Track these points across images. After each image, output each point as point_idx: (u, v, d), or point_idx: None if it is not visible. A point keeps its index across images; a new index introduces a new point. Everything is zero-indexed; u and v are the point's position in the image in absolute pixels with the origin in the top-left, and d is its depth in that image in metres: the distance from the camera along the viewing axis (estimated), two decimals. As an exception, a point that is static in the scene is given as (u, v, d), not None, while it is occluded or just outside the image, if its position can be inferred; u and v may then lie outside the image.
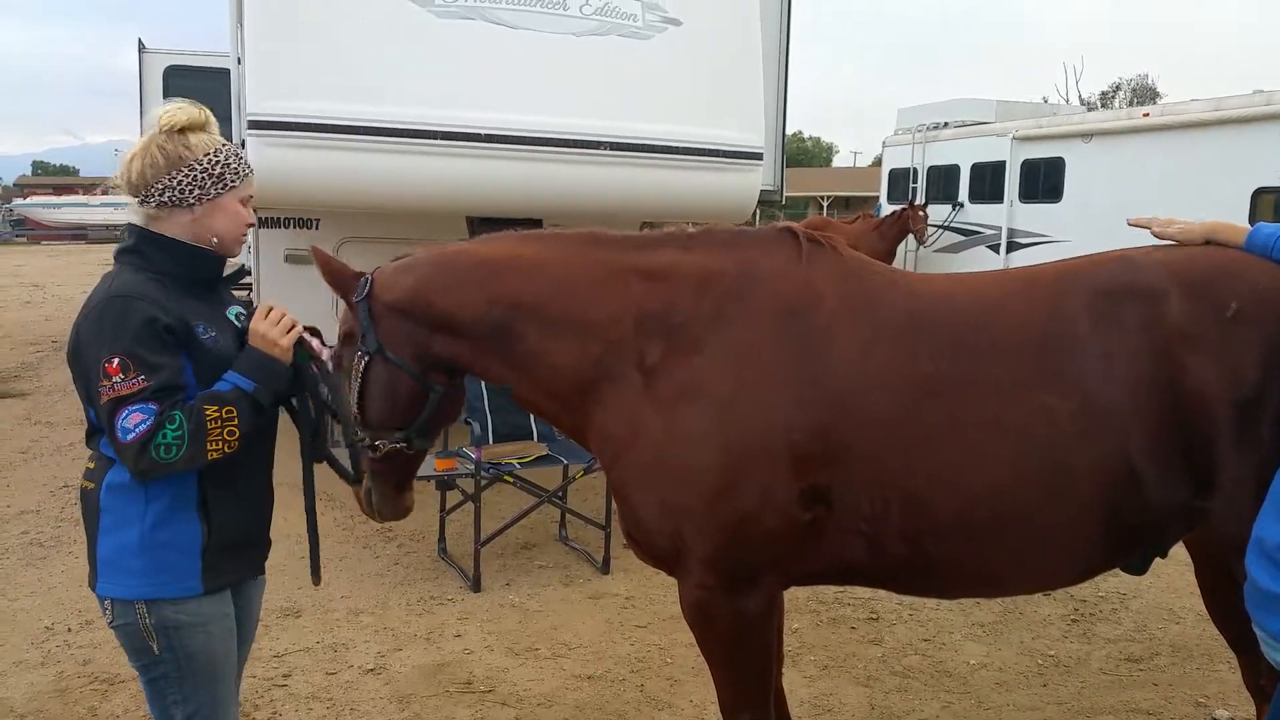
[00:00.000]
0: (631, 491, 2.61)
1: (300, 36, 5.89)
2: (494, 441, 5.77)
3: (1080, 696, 4.26)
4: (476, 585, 5.34)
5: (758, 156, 7.00)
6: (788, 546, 2.50)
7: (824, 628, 4.92)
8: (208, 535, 2.36)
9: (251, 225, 2.54)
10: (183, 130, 2.38)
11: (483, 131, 6.09)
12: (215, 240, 2.42)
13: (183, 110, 2.39)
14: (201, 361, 2.32)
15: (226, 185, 2.40)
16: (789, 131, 9.07)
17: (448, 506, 5.86)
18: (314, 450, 2.57)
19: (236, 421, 2.26)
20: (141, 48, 12.16)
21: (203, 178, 2.37)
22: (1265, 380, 2.35)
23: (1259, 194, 10.85)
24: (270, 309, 2.43)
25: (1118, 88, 49.88)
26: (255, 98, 5.82)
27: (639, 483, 2.58)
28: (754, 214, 8.03)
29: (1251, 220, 10.67)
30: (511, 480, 5.57)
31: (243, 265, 2.91)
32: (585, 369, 2.61)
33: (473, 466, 5.44)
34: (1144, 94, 46.73)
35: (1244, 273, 2.46)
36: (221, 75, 8.87)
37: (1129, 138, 12.84)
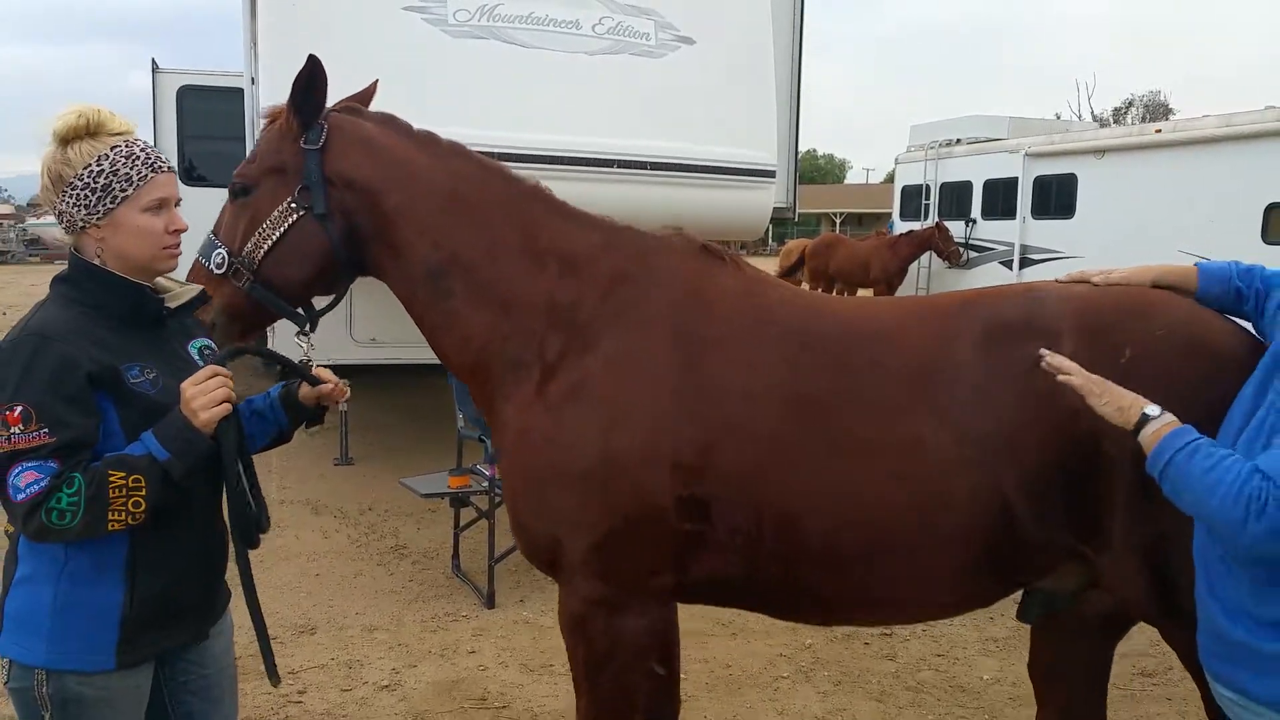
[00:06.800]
0: (516, 487, 2.57)
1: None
2: (507, 458, 5.78)
3: (1096, 713, 4.24)
4: (490, 602, 5.35)
5: (770, 174, 7.03)
6: (663, 556, 2.45)
7: (837, 643, 4.91)
8: (128, 605, 2.04)
9: (179, 231, 2.13)
10: (65, 143, 2.04)
11: (495, 150, 6.08)
12: (128, 262, 2.07)
13: (62, 118, 2.04)
14: (130, 408, 2.02)
15: (116, 198, 2.03)
16: (801, 149, 9.11)
17: (461, 523, 5.87)
18: (244, 536, 2.19)
19: (144, 492, 1.94)
20: (155, 67, 12.11)
21: (86, 195, 2.02)
22: None
23: (1271, 209, 10.84)
24: (212, 374, 2.05)
25: (1130, 104, 49.96)
26: (271, 117, 5.87)
27: (523, 479, 2.53)
28: (767, 231, 8.02)
29: (1265, 236, 10.66)
30: (525, 496, 5.57)
31: (203, 290, 2.35)
32: (494, 346, 2.56)
33: (486, 483, 5.46)
34: (1156, 110, 46.77)
35: (1147, 316, 2.30)
36: (236, 95, 8.92)
37: (1141, 154, 12.83)
